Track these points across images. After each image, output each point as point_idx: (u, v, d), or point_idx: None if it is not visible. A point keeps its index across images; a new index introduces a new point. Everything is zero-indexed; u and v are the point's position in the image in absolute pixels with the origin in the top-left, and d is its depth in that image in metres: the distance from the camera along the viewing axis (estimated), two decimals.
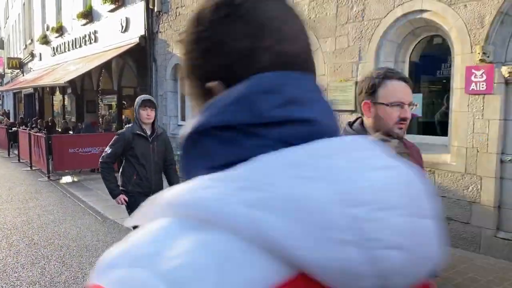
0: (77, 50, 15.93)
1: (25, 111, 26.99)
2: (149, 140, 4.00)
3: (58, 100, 20.92)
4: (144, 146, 3.98)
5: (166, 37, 10.88)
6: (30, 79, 19.55)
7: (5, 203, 7.93)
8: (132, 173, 3.99)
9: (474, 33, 4.96)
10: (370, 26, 6.05)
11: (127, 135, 3.95)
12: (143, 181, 3.99)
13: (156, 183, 4.09)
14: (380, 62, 6.01)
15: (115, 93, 14.47)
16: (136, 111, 3.98)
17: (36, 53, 21.72)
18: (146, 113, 3.95)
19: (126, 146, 3.94)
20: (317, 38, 6.84)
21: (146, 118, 3.96)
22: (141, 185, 3.99)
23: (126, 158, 4.02)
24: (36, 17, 21.75)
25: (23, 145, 13.47)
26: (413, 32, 5.84)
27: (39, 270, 4.66)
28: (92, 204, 7.74)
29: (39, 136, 11.60)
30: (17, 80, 24.82)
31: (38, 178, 10.69)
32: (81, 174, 11.18)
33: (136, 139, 3.94)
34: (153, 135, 4.03)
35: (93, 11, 14.50)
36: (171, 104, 11.03)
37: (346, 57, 6.42)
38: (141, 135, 3.96)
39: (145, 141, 3.99)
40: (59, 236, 5.88)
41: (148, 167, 4.01)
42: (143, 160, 3.98)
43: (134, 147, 3.94)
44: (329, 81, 6.67)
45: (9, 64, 27.48)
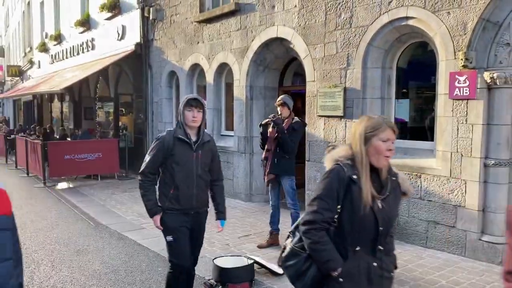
0: (75, 57, 16.08)
1: (24, 118, 27.13)
2: (193, 148, 3.33)
3: (56, 107, 21.03)
4: (186, 154, 3.32)
5: (161, 45, 11.00)
6: (29, 86, 19.70)
7: None
8: (169, 186, 3.33)
9: (457, 39, 5.06)
10: (357, 33, 6.15)
11: (167, 140, 3.30)
12: (182, 196, 3.33)
13: (198, 200, 3.43)
14: (368, 68, 6.10)
15: (112, 100, 14.58)
16: (181, 112, 3.34)
17: (35, 60, 21.88)
18: (191, 114, 3.29)
19: (166, 153, 3.30)
20: (307, 45, 6.94)
21: (191, 121, 3.30)
22: (179, 201, 3.33)
23: (165, 168, 3.36)
24: (35, 25, 21.94)
25: (20, 152, 13.56)
26: (399, 39, 5.93)
27: (29, 274, 4.72)
28: (86, 210, 7.81)
29: (35, 143, 11.69)
30: (17, 87, 24.99)
31: (34, 185, 10.77)
32: (76, 180, 11.25)
33: (177, 145, 3.29)
34: (198, 142, 3.36)
35: (90, 19, 14.65)
36: (166, 111, 11.13)
37: (335, 63, 6.52)
38: (184, 141, 3.30)
39: (188, 148, 3.32)
40: (51, 241, 5.94)
41: (190, 180, 3.34)
42: (184, 171, 3.31)
43: (174, 154, 3.29)
44: (318, 87, 6.76)
45: (9, 72, 27.67)
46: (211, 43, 9.17)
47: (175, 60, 10.46)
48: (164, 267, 4.89)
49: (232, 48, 8.58)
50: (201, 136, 3.39)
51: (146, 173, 3.35)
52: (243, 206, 8.05)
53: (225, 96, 9.40)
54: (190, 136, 3.34)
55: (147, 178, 3.35)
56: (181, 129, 3.33)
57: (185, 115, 3.31)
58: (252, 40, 8.07)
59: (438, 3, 5.21)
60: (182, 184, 3.31)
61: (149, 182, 3.36)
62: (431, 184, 5.39)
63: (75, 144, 12.11)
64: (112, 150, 11.42)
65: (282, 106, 5.43)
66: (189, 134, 3.34)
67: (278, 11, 7.47)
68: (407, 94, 6.33)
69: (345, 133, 6.40)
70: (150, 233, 6.30)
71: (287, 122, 5.39)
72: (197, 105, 3.31)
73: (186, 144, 3.31)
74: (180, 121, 3.35)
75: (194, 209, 3.43)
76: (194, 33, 9.71)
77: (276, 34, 7.54)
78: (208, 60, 9.30)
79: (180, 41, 10.20)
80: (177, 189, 3.32)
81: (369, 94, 6.13)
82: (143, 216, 7.28)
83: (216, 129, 9.37)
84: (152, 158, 3.33)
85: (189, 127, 3.33)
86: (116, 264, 5.03)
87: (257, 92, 8.39)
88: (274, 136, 5.36)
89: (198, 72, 10.06)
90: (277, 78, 8.56)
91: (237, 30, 8.42)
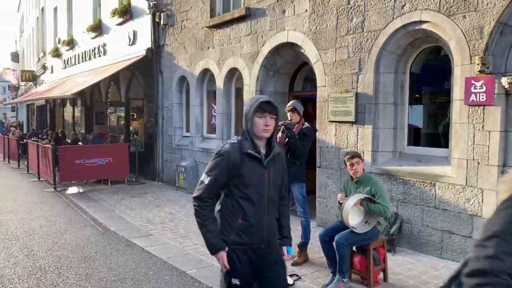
0: (87, 62, 16.18)
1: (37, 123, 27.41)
2: (264, 164, 2.63)
3: (68, 111, 21.20)
4: (257, 173, 2.62)
5: (172, 50, 10.99)
6: (42, 91, 19.89)
7: (10, 213, 8.00)
8: (236, 215, 2.63)
9: (474, 43, 4.91)
10: (369, 37, 6.03)
11: (233, 156, 2.58)
12: (253, 226, 2.62)
13: (270, 230, 2.71)
14: (380, 74, 5.98)
15: (123, 105, 14.62)
16: (249, 118, 2.61)
17: (48, 65, 22.10)
18: (263, 122, 2.59)
19: (231, 173, 2.59)
20: (318, 50, 6.84)
21: (263, 130, 2.60)
22: (249, 233, 2.62)
23: (229, 191, 2.65)
24: (49, 31, 22.18)
25: (32, 156, 13.64)
26: (413, 43, 5.80)
27: (35, 282, 4.67)
28: (95, 215, 7.77)
29: (46, 147, 11.74)
30: (30, 92, 25.25)
31: (44, 189, 10.79)
32: (87, 185, 11.26)
33: (246, 162, 2.59)
34: (268, 156, 2.66)
35: (102, 24, 14.74)
36: (177, 116, 11.10)
37: (346, 68, 6.40)
38: (254, 157, 2.60)
39: (258, 165, 2.62)
40: (59, 247, 5.89)
41: (261, 205, 2.64)
42: (254, 194, 2.62)
43: (243, 174, 2.59)
44: (329, 92, 6.65)
45: (23, 77, 28.02)
46: (221, 48, 9.12)
47: (186, 65, 10.42)
48: (171, 276, 4.82)
49: (242, 53, 8.52)
50: (273, 149, 2.69)
51: (205, 198, 2.61)
52: None
53: (235, 101, 9.33)
54: (260, 149, 2.64)
55: (205, 204, 2.62)
56: (248, 140, 2.60)
57: (255, 123, 2.59)
58: (262, 45, 7.99)
59: (454, 7, 5.08)
60: (253, 212, 2.62)
61: (208, 209, 2.64)
62: (446, 192, 5.23)
63: (86, 148, 12.13)
64: (122, 155, 11.40)
65: (292, 111, 5.32)
66: (259, 147, 2.64)
67: (289, 16, 7.38)
68: (421, 99, 6.18)
69: (356, 139, 6.27)
70: (157, 240, 6.22)
71: (297, 127, 5.29)
72: (271, 110, 2.60)
73: (257, 160, 2.61)
74: (246, 130, 2.63)
75: (265, 242, 2.68)
76: (204, 38, 9.67)
77: (287, 39, 7.45)
78: (218, 65, 9.25)
79: (191, 46, 10.17)
80: (246, 218, 2.61)
81: (382, 99, 6.00)
82: (151, 222, 7.23)
83: (226, 134, 9.30)
84: (213, 179, 2.59)
85: (258, 137, 2.62)
86: (123, 272, 4.95)
87: None
88: (283, 141, 5.26)
89: (208, 77, 10.02)
90: (287, 83, 8.46)
91: (247, 35, 8.35)
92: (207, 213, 2.61)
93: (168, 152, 11.42)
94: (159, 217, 7.67)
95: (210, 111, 10.24)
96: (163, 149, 11.63)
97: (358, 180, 4.49)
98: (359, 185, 4.47)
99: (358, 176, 4.48)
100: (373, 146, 6.07)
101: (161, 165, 11.70)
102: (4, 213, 8.06)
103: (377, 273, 4.59)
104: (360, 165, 4.48)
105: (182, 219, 7.50)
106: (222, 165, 2.57)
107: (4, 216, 7.76)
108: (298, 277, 4.71)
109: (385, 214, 4.29)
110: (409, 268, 5.03)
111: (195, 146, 10.22)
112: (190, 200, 9.08)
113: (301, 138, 5.24)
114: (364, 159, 5.14)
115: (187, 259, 5.41)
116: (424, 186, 5.46)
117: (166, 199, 9.36)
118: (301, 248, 5.27)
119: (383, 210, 4.22)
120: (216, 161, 2.60)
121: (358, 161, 4.47)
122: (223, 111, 9.31)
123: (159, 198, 9.44)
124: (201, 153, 9.98)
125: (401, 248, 5.66)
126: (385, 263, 4.63)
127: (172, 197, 9.57)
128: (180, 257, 5.48)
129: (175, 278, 4.78)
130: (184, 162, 10.24)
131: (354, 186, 4.51)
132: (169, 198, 9.47)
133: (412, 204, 5.61)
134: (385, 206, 4.24)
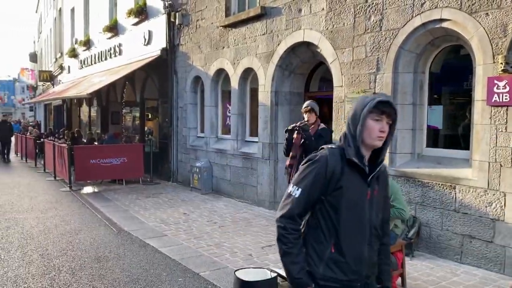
0: (103, 63, 16.29)
1: (54, 122, 27.76)
2: (367, 180, 2.00)
3: (85, 111, 21.40)
4: (359, 189, 2.00)
5: (186, 50, 10.97)
6: (58, 91, 20.10)
7: (26, 212, 8.06)
8: (327, 242, 1.99)
9: (496, 42, 4.75)
10: (388, 36, 5.90)
11: (332, 163, 1.97)
12: (348, 258, 1.98)
13: (370, 266, 2.06)
14: (399, 73, 5.84)
15: (138, 105, 14.68)
16: (359, 119, 1.96)
17: (65, 66, 22.35)
18: (379, 127, 1.95)
19: (328, 184, 1.96)
20: (335, 49, 6.72)
21: (377, 138, 1.96)
22: (343, 267, 1.98)
23: (320, 209, 2.01)
24: (66, 31, 22.44)
25: (48, 156, 13.78)
26: (433, 42, 5.64)
27: (49, 281, 4.66)
28: (109, 215, 7.78)
29: (62, 147, 11.83)
30: (47, 92, 25.58)
31: (60, 188, 10.86)
32: (102, 184, 11.31)
33: (347, 174, 1.97)
34: (374, 171, 2.02)
35: (118, 24, 14.82)
36: (191, 116, 11.07)
37: (363, 68, 6.27)
38: (357, 167, 1.98)
39: (360, 180, 2.00)
40: (73, 247, 5.89)
41: (361, 231, 2.01)
42: (352, 216, 1.98)
43: (341, 187, 1.96)
44: (346, 92, 6.53)
45: (40, 77, 28.43)
46: (236, 48, 9.06)
47: (200, 65, 10.39)
48: (185, 277, 4.76)
49: (258, 52, 8.44)
50: (380, 163, 2.05)
51: (295, 216, 1.97)
52: (267, 214, 7.85)
53: (250, 101, 9.26)
54: (365, 159, 2.02)
55: (294, 225, 1.98)
56: (351, 148, 1.98)
57: (368, 127, 1.95)
58: (277, 44, 7.90)
59: (476, 4, 4.92)
60: (350, 239, 1.98)
61: (297, 233, 1.99)
62: (467, 195, 5.07)
63: (101, 148, 12.19)
64: (137, 155, 11.43)
65: (309, 112, 5.24)
66: (365, 157, 2.01)
67: (305, 15, 7.28)
68: (440, 100, 6.02)
69: None
70: (171, 241, 6.18)
71: (313, 128, 5.20)
72: (390, 112, 1.96)
73: (359, 173, 1.99)
74: (351, 134, 2.00)
75: (362, 280, 2.04)
76: (219, 37, 9.62)
77: (303, 38, 7.35)
78: (233, 65, 9.19)
79: (206, 46, 10.14)
80: (340, 247, 1.97)
81: (400, 99, 5.86)
82: (165, 223, 7.20)
83: (241, 135, 9.23)
84: (307, 191, 1.96)
85: (366, 146, 1.99)
86: (136, 273, 4.91)
87: (282, 97, 8.21)
88: (299, 142, 5.17)
89: (223, 77, 9.97)
90: (303, 83, 8.36)
91: (263, 34, 8.27)
92: (294, 238, 1.97)
93: (182, 152, 11.40)
94: (173, 217, 7.63)
95: (225, 111, 10.19)
96: (177, 149, 11.62)
97: None
98: None
99: None
100: (391, 148, 5.93)
101: (175, 166, 11.69)
102: (21, 211, 8.13)
103: (395, 278, 4.45)
104: None
105: (196, 219, 7.46)
106: (317, 174, 1.97)
107: (20, 215, 7.82)
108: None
109: (402, 217, 4.16)
110: (428, 273, 4.88)
111: (210, 146, 10.18)
112: (204, 201, 9.13)
113: (317, 139, 5.14)
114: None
115: (201, 260, 5.35)
116: (443, 189, 5.31)
117: (180, 199, 9.34)
118: None
119: (398, 213, 4.09)
120: (311, 167, 1.99)
121: None
122: (237, 112, 9.24)
123: (173, 199, 9.42)
124: (216, 154, 9.93)
125: (420, 252, 5.52)
126: (403, 268, 4.50)
127: (186, 197, 9.54)
128: (194, 258, 5.42)
129: (188, 280, 4.72)
130: (199, 162, 10.21)
131: None
132: (183, 198, 9.44)
133: (431, 207, 5.46)
134: (400, 208, 4.10)
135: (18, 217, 7.64)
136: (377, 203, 2.07)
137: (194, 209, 8.33)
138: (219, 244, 5.99)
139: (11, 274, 4.88)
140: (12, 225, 7.07)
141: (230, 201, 9.06)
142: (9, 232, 6.67)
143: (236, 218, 7.59)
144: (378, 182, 2.07)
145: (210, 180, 10.01)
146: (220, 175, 9.75)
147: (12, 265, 5.19)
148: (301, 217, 2.01)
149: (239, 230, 6.73)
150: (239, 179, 9.10)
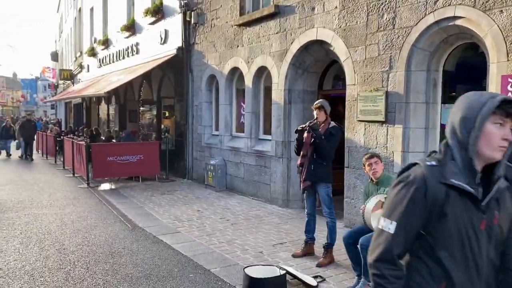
0: (121, 61, 16.53)
1: (74, 120, 28.29)
2: (480, 206, 1.55)
3: (103, 109, 21.74)
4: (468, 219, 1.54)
5: (202, 48, 11.06)
6: (78, 89, 20.49)
7: (44, 208, 8.27)
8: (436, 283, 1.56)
9: (511, 40, 4.68)
10: (401, 34, 5.86)
11: (432, 186, 1.53)
12: None
13: None
14: (412, 72, 5.79)
15: (155, 103, 14.86)
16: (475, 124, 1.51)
17: (85, 64, 22.75)
18: (502, 133, 1.51)
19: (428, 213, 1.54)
20: (347, 47, 6.70)
21: (499, 148, 1.52)
22: None
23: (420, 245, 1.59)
24: (86, 31, 22.82)
25: (67, 153, 14.07)
26: (446, 40, 5.58)
27: (64, 276, 4.79)
28: (125, 212, 7.92)
29: (80, 144, 12.07)
30: (68, 90, 26.07)
31: (78, 185, 11.09)
32: (119, 181, 11.50)
33: (452, 199, 1.52)
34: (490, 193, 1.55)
35: (135, 24, 15.01)
36: (206, 114, 11.17)
37: (376, 66, 6.24)
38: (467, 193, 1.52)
39: (470, 205, 1.54)
40: (88, 242, 6.03)
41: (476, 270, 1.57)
42: (462, 252, 1.54)
43: (447, 216, 1.52)
44: (359, 90, 6.51)
45: (61, 76, 28.98)
46: (250, 47, 9.10)
47: (215, 63, 10.47)
48: (196, 274, 4.84)
49: (271, 51, 8.46)
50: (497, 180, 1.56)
51: (393, 257, 1.54)
52: (280, 212, 7.89)
53: (264, 99, 9.29)
54: (478, 178, 1.54)
55: (394, 271, 1.55)
56: (457, 163, 1.55)
57: (487, 134, 1.51)
58: (291, 43, 7.92)
59: (490, 1, 4.85)
60: (464, 280, 1.55)
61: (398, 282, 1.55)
62: None
63: (118, 146, 12.39)
64: (153, 153, 11.59)
65: (319, 109, 5.23)
66: (478, 173, 1.54)
67: (318, 13, 7.27)
68: (454, 98, 5.94)
69: (386, 139, 6.11)
70: (184, 237, 6.27)
71: (323, 127, 5.20)
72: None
73: (469, 198, 1.53)
74: (459, 142, 1.55)
75: None
76: (234, 36, 9.68)
77: (316, 37, 7.35)
78: (247, 63, 9.24)
79: (220, 45, 10.21)
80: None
81: (413, 98, 5.82)
82: (179, 220, 7.30)
83: (254, 133, 9.28)
84: (403, 224, 1.54)
85: (481, 158, 1.54)
86: (149, 268, 5.01)
87: (295, 95, 8.22)
88: (310, 141, 5.18)
89: (237, 75, 10.03)
90: (316, 82, 8.35)
91: (276, 33, 8.29)
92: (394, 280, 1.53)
93: (197, 150, 11.51)
94: (187, 214, 7.73)
95: (239, 110, 10.25)
96: (192, 147, 11.73)
97: (378, 181, 4.37)
98: (379, 187, 4.34)
99: (377, 176, 4.37)
100: (403, 147, 5.89)
101: (190, 163, 11.81)
102: (40, 207, 8.34)
103: None
104: (379, 165, 4.37)
105: (209, 217, 7.54)
106: (415, 201, 1.52)
107: (39, 211, 8.03)
108: (322, 279, 4.63)
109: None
110: None
111: (224, 144, 10.25)
112: (218, 198, 9.22)
113: (327, 138, 5.14)
114: (383, 160, 4.99)
115: (212, 257, 5.42)
116: None
117: (195, 196, 9.44)
118: (326, 249, 5.18)
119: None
120: (402, 193, 1.55)
121: (377, 161, 4.37)
122: (251, 110, 9.29)
123: (188, 196, 9.53)
124: (230, 152, 10.00)
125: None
126: None
127: (200, 194, 9.64)
128: (205, 255, 5.50)
129: (199, 276, 4.79)
130: (213, 160, 10.29)
131: (375, 188, 4.39)
132: (197, 195, 9.54)
133: None
134: None
135: (37, 213, 7.84)
136: (496, 235, 1.58)
137: (207, 206, 8.42)
138: (231, 241, 6.06)
139: (28, 268, 5.03)
140: (31, 221, 7.27)
141: (244, 198, 9.12)
142: (28, 227, 6.87)
143: (249, 215, 7.64)
144: (499, 206, 1.58)
145: (224, 178, 10.09)
146: (234, 172, 9.82)
147: (29, 259, 5.35)
148: (401, 258, 1.57)
149: (251, 228, 6.79)
150: (253, 177, 9.15)
